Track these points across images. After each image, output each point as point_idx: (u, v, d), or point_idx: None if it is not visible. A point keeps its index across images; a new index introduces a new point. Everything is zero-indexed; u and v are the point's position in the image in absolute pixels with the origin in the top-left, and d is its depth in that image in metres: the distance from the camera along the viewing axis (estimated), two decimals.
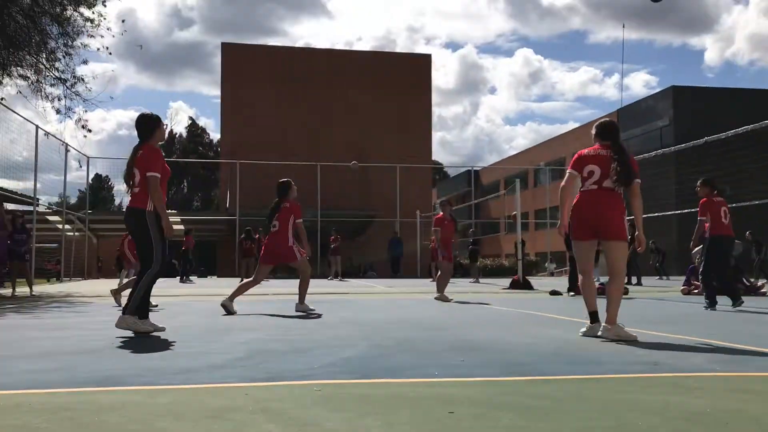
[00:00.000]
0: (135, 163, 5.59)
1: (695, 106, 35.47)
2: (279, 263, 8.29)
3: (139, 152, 5.62)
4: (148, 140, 5.72)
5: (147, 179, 5.52)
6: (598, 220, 5.26)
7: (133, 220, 5.57)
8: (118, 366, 3.84)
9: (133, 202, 5.59)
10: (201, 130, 78.94)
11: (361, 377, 3.47)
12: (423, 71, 40.22)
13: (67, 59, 15.63)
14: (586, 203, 5.30)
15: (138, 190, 5.57)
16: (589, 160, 5.35)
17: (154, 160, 5.58)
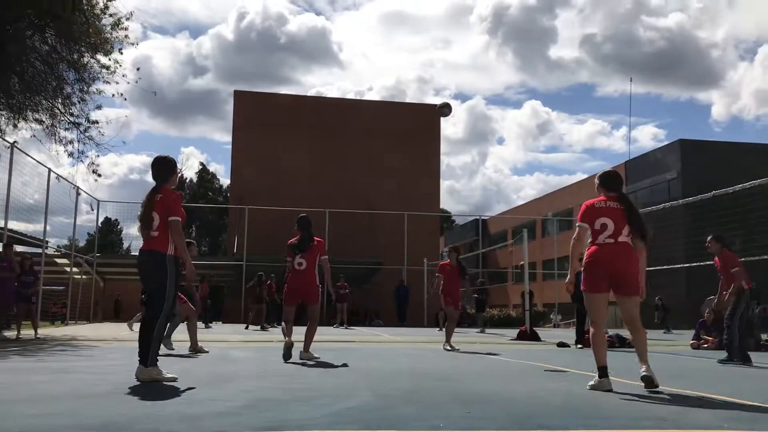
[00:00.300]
0: (155, 207, 5.54)
1: (703, 160, 35.61)
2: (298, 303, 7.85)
3: (158, 196, 5.58)
4: (165, 183, 5.71)
5: (169, 224, 5.49)
6: (618, 275, 5.27)
7: (152, 263, 5.51)
8: (121, 412, 3.81)
9: (151, 245, 5.52)
10: (211, 175, 79.67)
11: (364, 428, 3.43)
12: (432, 121, 40.66)
13: (82, 104, 15.92)
14: (605, 257, 5.29)
15: (157, 234, 5.52)
16: (600, 212, 5.35)
17: (176, 205, 5.57)
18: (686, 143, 37.38)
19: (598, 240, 5.34)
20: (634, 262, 5.32)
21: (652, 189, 38.27)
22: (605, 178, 5.58)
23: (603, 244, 5.31)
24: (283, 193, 36.15)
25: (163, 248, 5.49)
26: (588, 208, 5.44)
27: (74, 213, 22.70)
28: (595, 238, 5.36)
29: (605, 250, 5.29)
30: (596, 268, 5.31)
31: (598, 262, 5.31)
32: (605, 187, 5.52)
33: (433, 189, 39.68)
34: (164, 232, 5.51)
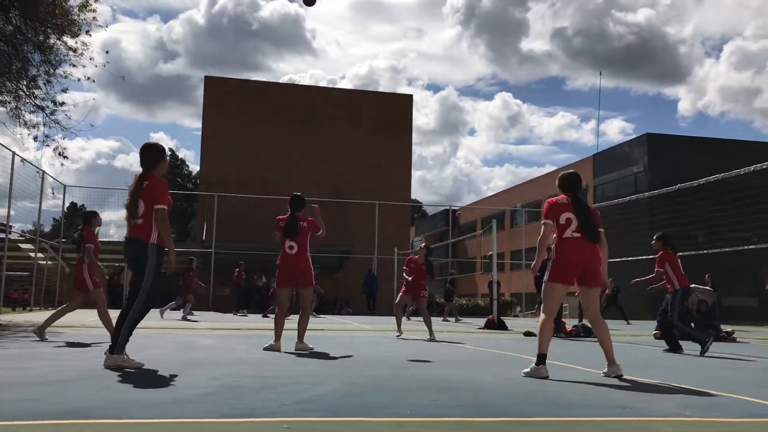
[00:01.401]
0: (141, 194, 5.48)
1: (669, 154, 36.18)
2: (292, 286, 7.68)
3: (144, 183, 5.52)
4: (152, 170, 5.63)
5: (155, 211, 5.45)
6: (585, 267, 5.47)
7: (133, 250, 5.47)
8: (84, 398, 3.76)
9: (135, 232, 5.48)
10: (180, 161, 78.70)
11: (332, 415, 3.44)
12: (404, 111, 40.62)
13: (48, 87, 15.57)
14: (573, 250, 5.48)
15: (142, 222, 5.47)
16: (563, 208, 5.56)
17: (162, 192, 5.51)
18: (653, 137, 37.93)
19: (565, 234, 5.52)
20: (597, 255, 5.54)
21: (619, 182, 38.81)
22: (561, 181, 5.80)
23: (570, 238, 5.50)
24: (253, 180, 35.90)
25: (145, 236, 5.45)
26: (551, 205, 5.63)
27: (39, 198, 22.27)
28: (562, 232, 5.54)
29: (573, 244, 5.48)
30: (567, 261, 5.48)
31: (568, 255, 5.48)
32: (562, 189, 5.74)
33: (404, 179, 39.72)
34: (148, 220, 5.47)
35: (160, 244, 5.52)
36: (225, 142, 37.33)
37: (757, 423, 3.63)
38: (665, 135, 39.11)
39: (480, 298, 36.74)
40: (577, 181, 5.77)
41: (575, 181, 5.76)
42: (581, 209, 5.55)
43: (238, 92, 38.50)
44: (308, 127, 38.06)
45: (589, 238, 5.48)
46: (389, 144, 38.93)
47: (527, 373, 5.42)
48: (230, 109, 37.63)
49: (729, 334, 12.75)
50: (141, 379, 4.67)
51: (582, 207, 5.59)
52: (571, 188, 5.70)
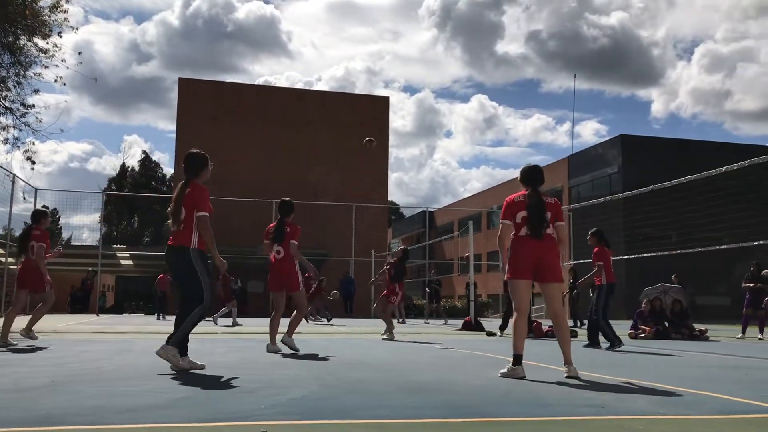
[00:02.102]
0: (183, 201, 5.58)
1: (642, 155, 36.65)
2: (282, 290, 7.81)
3: (186, 190, 5.62)
4: (195, 178, 5.74)
5: (197, 219, 5.54)
6: (538, 263, 5.49)
7: (176, 258, 5.58)
8: (57, 405, 3.70)
9: (177, 240, 5.59)
10: (155, 164, 77.97)
11: (309, 418, 3.42)
12: (381, 113, 40.68)
13: (18, 89, 15.35)
14: (524, 248, 5.50)
15: (183, 228, 5.57)
16: (519, 206, 5.58)
17: (204, 199, 5.62)
18: (627, 139, 38.39)
19: (521, 233, 5.54)
20: (555, 252, 5.56)
21: (594, 183, 39.22)
22: (522, 174, 5.84)
23: (523, 236, 5.52)
24: (229, 183, 35.66)
25: (186, 242, 5.55)
26: (508, 204, 5.66)
27: (10, 201, 21.89)
28: (518, 231, 5.56)
29: (525, 241, 5.51)
30: (519, 257, 5.51)
31: (519, 251, 5.51)
32: (522, 182, 5.78)
33: (381, 181, 39.75)
34: (189, 227, 5.57)
35: (202, 249, 5.63)
36: (199, 145, 36.81)
37: (731, 420, 3.68)
38: (639, 136, 39.64)
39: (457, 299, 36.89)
40: (535, 174, 5.72)
41: (533, 174, 5.72)
42: (530, 206, 5.51)
43: (213, 94, 38.27)
44: (284, 129, 37.94)
45: (532, 235, 5.46)
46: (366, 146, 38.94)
47: (504, 374, 5.43)
48: (205, 112, 37.38)
49: (702, 333, 12.94)
50: (116, 385, 4.61)
51: (532, 204, 5.52)
52: (529, 182, 5.68)
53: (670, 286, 14.59)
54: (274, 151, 37.56)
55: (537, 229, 5.46)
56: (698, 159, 29.85)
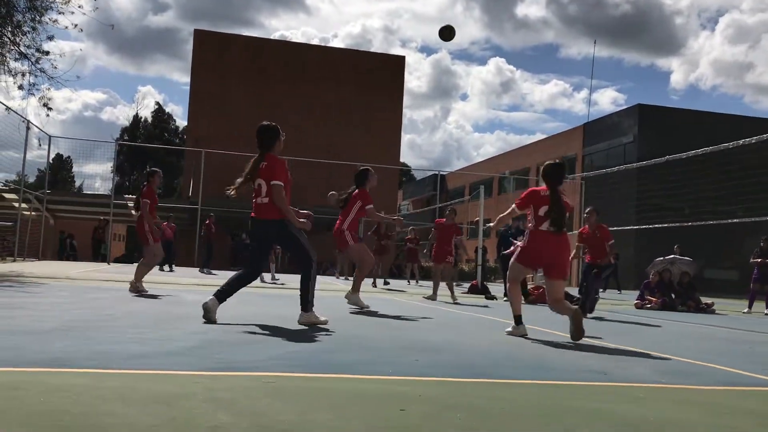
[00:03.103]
0: (260, 175, 5.71)
1: (659, 126, 36.19)
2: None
3: (262, 164, 5.75)
4: (269, 150, 5.85)
5: (272, 187, 5.65)
6: (551, 261, 5.77)
7: (269, 231, 5.76)
8: (68, 348, 3.77)
9: (265, 213, 5.72)
10: (168, 116, 77.86)
11: (313, 371, 3.47)
12: (396, 72, 40.27)
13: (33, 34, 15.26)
14: (544, 244, 5.73)
15: (267, 200, 5.71)
16: (544, 200, 5.75)
17: (279, 170, 5.71)
18: (644, 108, 37.88)
19: (542, 227, 5.74)
20: (566, 250, 5.83)
21: (608, 152, 38.85)
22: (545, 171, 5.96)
23: (544, 232, 5.72)
24: (242, 137, 35.60)
25: (274, 214, 5.70)
26: (532, 195, 5.83)
27: (24, 147, 22.00)
28: (539, 224, 5.76)
29: (546, 237, 5.71)
30: (536, 252, 5.78)
31: (539, 248, 5.76)
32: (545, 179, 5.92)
33: (393, 141, 39.57)
34: (272, 198, 5.70)
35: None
36: (214, 98, 36.93)
37: (732, 391, 3.71)
38: (656, 106, 39.07)
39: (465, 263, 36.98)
40: (555, 172, 5.92)
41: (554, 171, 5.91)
42: (556, 203, 5.70)
43: (229, 47, 37.96)
44: (299, 85, 37.68)
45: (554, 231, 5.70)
46: (380, 105, 38.66)
47: (509, 332, 5.89)
48: (220, 64, 37.13)
49: (708, 306, 12.96)
50: (125, 332, 4.69)
51: (556, 202, 5.71)
52: (554, 179, 5.86)
53: (679, 258, 14.56)
54: (286, 107, 37.36)
55: (560, 226, 5.71)
56: (715, 131, 29.48)
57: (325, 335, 5.10)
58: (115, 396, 2.61)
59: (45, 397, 2.53)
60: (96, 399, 2.54)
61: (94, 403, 2.48)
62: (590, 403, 3.05)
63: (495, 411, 2.75)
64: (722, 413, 3.02)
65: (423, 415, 2.58)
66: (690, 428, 2.67)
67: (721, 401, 3.36)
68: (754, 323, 10.46)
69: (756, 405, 3.35)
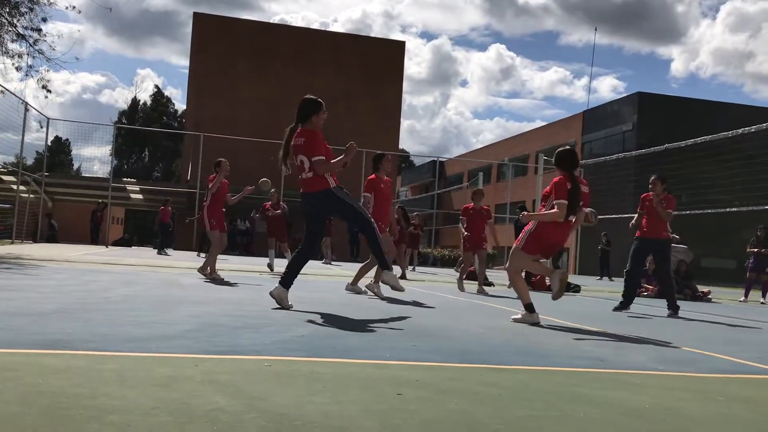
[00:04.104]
0: (301, 151, 5.71)
1: (659, 114, 36.12)
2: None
3: (300, 140, 5.73)
4: (304, 123, 5.84)
5: (314, 163, 5.66)
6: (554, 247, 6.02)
7: (322, 203, 5.79)
8: (66, 330, 3.78)
9: (312, 186, 5.74)
10: (166, 99, 77.55)
11: (313, 355, 3.48)
12: (396, 58, 40.10)
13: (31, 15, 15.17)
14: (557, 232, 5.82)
15: (311, 175, 5.73)
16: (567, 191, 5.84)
17: (318, 145, 5.71)
18: (644, 96, 37.78)
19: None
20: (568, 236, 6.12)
21: (607, 140, 38.78)
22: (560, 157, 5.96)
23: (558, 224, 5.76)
24: (240, 121, 35.54)
25: (324, 185, 5.73)
26: (562, 184, 5.78)
27: (22, 129, 21.93)
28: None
29: (558, 226, 5.77)
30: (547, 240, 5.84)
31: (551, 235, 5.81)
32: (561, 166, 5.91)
33: (392, 127, 39.46)
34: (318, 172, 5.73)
35: (338, 185, 5.86)
36: (212, 82, 36.76)
37: (727, 379, 3.73)
38: (656, 95, 38.98)
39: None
40: (575, 158, 6.02)
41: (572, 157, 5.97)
42: (573, 193, 5.75)
43: (228, 31, 37.75)
44: (297, 69, 37.49)
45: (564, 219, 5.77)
46: (379, 91, 38.52)
47: (517, 319, 5.89)
48: (219, 48, 36.94)
49: (704, 294, 13.00)
50: (123, 315, 4.70)
51: (575, 190, 5.77)
52: (570, 166, 5.91)
53: (675, 246, 14.57)
54: (285, 92, 37.19)
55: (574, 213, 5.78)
56: (715, 120, 29.43)
57: (320, 319, 5.11)
58: (113, 378, 2.62)
59: (42, 378, 2.54)
60: (94, 381, 2.55)
61: (92, 385, 2.49)
62: (586, 389, 3.07)
63: (491, 396, 2.76)
64: (718, 401, 3.03)
65: (420, 400, 2.60)
66: (685, 415, 2.68)
67: (717, 389, 3.38)
68: (750, 312, 10.50)
69: (752, 393, 3.37)
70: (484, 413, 2.46)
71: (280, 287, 5.78)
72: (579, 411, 2.60)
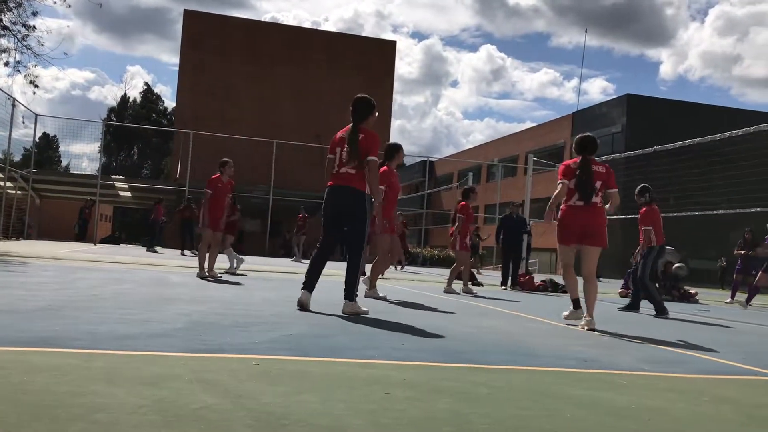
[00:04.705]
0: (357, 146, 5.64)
1: (647, 116, 36.33)
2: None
3: (360, 136, 5.67)
4: (363, 122, 5.79)
5: (369, 163, 5.62)
6: (584, 230, 5.91)
7: (353, 201, 5.66)
8: (54, 328, 3.76)
9: (349, 182, 5.65)
10: (156, 96, 77.19)
11: (301, 354, 3.48)
12: (387, 57, 40.11)
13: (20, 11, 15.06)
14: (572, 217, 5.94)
15: (354, 172, 5.64)
16: (573, 173, 5.94)
17: (375, 145, 5.68)
18: (633, 98, 38.00)
19: (571, 201, 5.95)
20: (600, 221, 5.94)
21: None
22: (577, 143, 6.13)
23: (573, 206, 5.92)
24: (230, 119, 35.43)
25: (362, 186, 5.66)
26: (567, 167, 6.01)
27: (10, 125, 21.77)
28: (569, 198, 5.95)
29: (576, 211, 5.90)
30: (565, 226, 5.96)
31: (568, 221, 5.95)
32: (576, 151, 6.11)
33: (383, 127, 39.44)
34: (361, 171, 5.64)
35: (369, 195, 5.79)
36: (202, 79, 36.63)
37: (712, 379, 3.76)
38: (645, 97, 39.23)
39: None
40: (587, 144, 6.07)
41: (586, 144, 6.06)
42: (580, 174, 5.87)
43: (218, 28, 37.63)
44: (288, 68, 37.44)
45: (583, 202, 5.89)
46: (370, 90, 38.36)
47: (567, 316, 6.13)
48: (209, 46, 36.81)
49: (692, 296, 13.08)
50: (111, 313, 4.67)
51: (583, 171, 5.88)
52: (583, 150, 6.02)
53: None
54: (276, 90, 37.15)
55: (587, 197, 5.86)
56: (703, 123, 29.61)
57: (308, 319, 5.11)
58: (101, 376, 2.61)
59: (29, 376, 2.53)
60: (82, 379, 2.54)
61: (79, 383, 2.48)
62: (574, 390, 3.09)
63: (479, 396, 2.77)
64: (704, 401, 3.06)
65: (408, 399, 2.60)
66: (671, 416, 2.70)
67: (703, 389, 3.40)
68: (736, 313, 10.58)
69: (736, 393, 3.40)
70: (473, 413, 2.47)
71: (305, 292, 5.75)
72: (567, 411, 2.61)
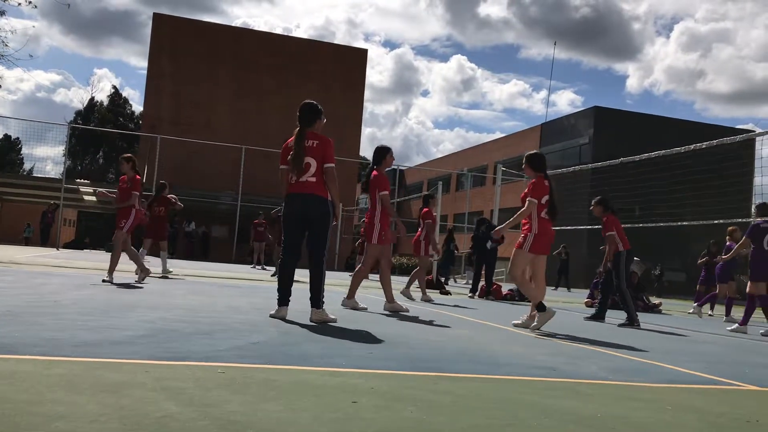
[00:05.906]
0: (309, 153, 5.56)
1: (614, 128, 36.92)
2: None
3: (313, 142, 5.60)
4: (310, 127, 5.69)
5: (327, 170, 5.61)
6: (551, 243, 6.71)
7: (320, 209, 5.60)
8: (12, 334, 3.67)
9: (312, 189, 5.58)
10: (124, 100, 76.19)
11: (267, 362, 3.45)
12: (358, 65, 40.15)
13: None
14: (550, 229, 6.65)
15: (315, 180, 5.58)
16: (546, 190, 6.56)
17: (332, 153, 5.65)
18: (600, 111, 38.59)
19: (542, 214, 6.55)
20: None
21: (564, 152, 39.48)
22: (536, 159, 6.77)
23: (546, 219, 6.57)
24: (198, 124, 35.12)
25: (324, 193, 5.60)
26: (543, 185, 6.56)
27: None
28: (540, 212, 6.52)
29: (549, 224, 6.62)
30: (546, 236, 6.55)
31: (548, 232, 6.59)
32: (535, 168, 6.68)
33: (353, 135, 39.47)
34: (320, 178, 5.58)
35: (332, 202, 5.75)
36: (171, 84, 36.26)
37: (676, 388, 3.81)
38: (612, 109, 39.86)
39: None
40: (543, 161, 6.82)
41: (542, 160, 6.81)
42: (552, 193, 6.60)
43: (188, 33, 37.32)
44: (258, 74, 37.26)
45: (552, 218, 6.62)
46: (340, 98, 38.47)
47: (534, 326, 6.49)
48: (179, 50, 36.48)
49: (655, 306, 13.29)
50: (73, 319, 4.58)
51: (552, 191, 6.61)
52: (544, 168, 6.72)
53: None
54: (245, 96, 36.94)
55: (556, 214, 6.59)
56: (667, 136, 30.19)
57: (276, 326, 5.06)
58: (61, 384, 2.55)
59: None
60: (40, 387, 2.48)
61: (39, 391, 2.42)
62: (539, 398, 3.10)
63: (445, 404, 2.77)
64: (667, 410, 3.10)
65: (374, 408, 2.59)
66: (635, 424, 2.73)
67: (666, 398, 3.45)
68: (698, 323, 10.77)
69: (699, 402, 3.45)
70: (439, 421, 2.46)
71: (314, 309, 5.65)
72: (532, 419, 2.63)
